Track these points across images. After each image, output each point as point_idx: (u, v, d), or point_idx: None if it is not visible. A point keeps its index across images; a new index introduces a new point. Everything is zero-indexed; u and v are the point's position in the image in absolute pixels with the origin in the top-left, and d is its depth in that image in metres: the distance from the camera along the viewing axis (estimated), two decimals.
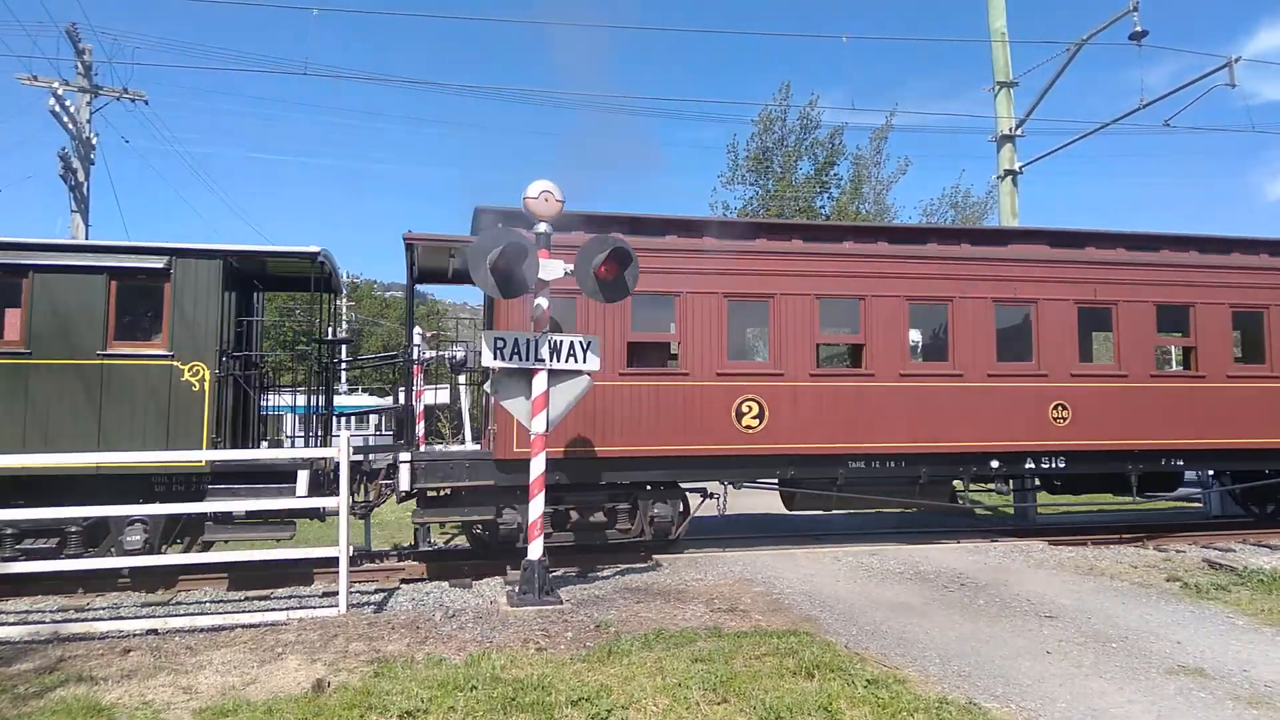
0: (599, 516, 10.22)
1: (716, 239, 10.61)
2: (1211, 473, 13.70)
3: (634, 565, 10.02)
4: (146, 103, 20.86)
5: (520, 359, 8.15)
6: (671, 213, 12.32)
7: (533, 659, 6.09)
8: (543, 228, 8.26)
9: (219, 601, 8.62)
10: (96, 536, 8.93)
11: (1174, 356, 16.44)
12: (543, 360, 8.20)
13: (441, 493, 10.06)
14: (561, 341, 8.33)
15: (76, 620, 7.67)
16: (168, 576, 9.23)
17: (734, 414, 10.25)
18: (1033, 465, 11.24)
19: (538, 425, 8.17)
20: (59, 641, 6.81)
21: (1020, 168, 17.22)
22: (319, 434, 10.58)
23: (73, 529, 8.69)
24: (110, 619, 7.57)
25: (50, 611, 8.20)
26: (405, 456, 9.64)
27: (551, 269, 8.17)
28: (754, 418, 10.29)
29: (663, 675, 5.60)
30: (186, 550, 9.32)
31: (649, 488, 10.37)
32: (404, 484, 9.52)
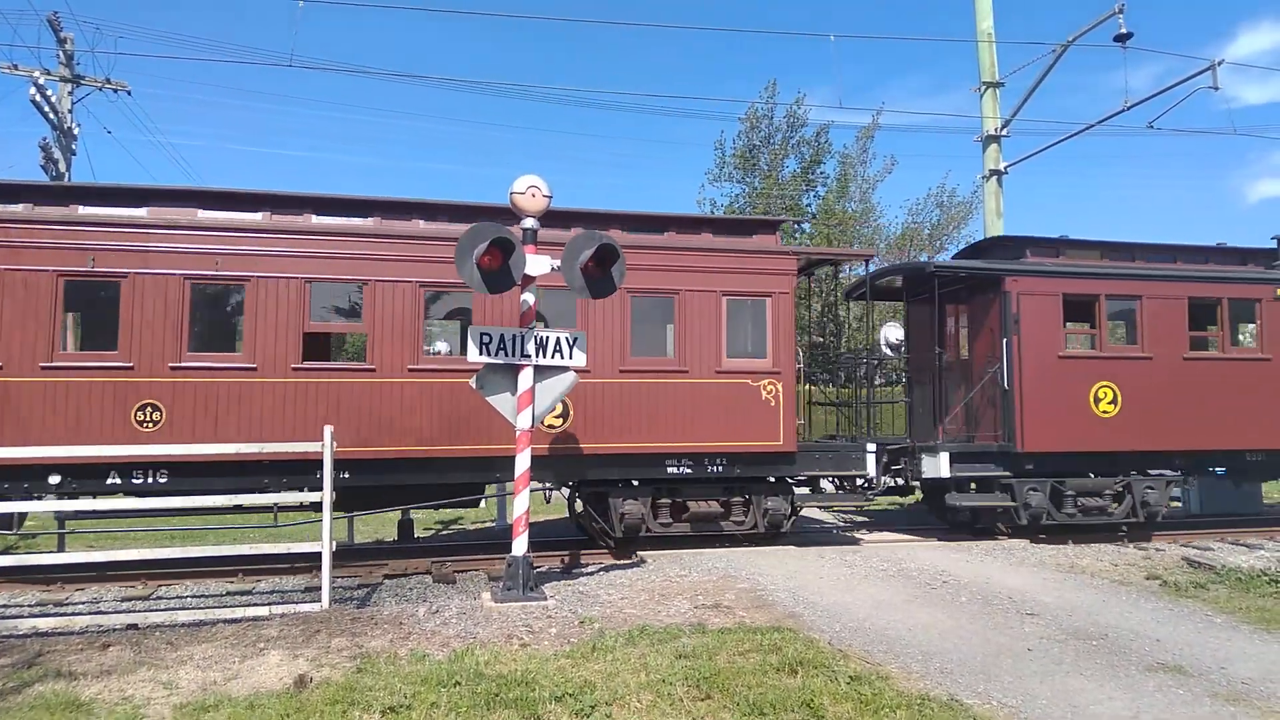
0: None
1: None
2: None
3: (619, 562, 10.03)
4: (129, 93, 20.72)
5: (506, 354, 8.13)
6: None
7: (516, 655, 6.08)
8: (529, 223, 8.24)
9: (200, 596, 8.56)
10: None
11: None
12: (529, 356, 8.19)
13: None
14: (548, 337, 8.32)
15: (55, 614, 7.59)
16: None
17: None
18: (118, 480, 8.86)
19: (523, 421, 8.15)
20: (37, 636, 6.74)
21: (1005, 168, 17.35)
22: None
23: None
24: (89, 613, 7.51)
25: (28, 605, 8.12)
26: None
27: (538, 264, 8.15)
28: None
29: (646, 671, 5.61)
30: None
31: None
32: None
